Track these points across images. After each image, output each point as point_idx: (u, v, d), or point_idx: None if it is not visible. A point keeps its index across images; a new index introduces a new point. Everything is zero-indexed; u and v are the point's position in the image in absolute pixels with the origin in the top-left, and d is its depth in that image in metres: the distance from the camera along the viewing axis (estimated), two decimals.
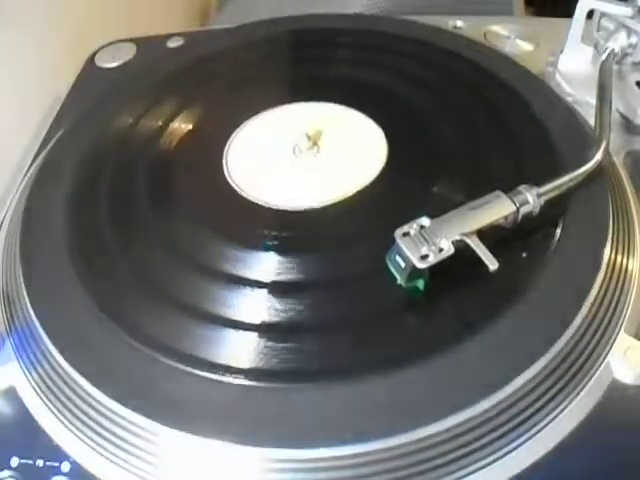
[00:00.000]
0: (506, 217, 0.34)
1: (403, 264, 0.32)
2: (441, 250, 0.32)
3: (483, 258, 0.31)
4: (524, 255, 0.34)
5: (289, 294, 0.34)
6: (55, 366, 0.33)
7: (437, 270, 0.32)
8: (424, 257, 0.31)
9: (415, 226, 0.33)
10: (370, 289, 0.34)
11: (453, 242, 0.32)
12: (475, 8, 0.59)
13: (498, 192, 0.34)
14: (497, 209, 0.34)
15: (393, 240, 0.32)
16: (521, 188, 0.34)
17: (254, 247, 0.36)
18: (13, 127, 0.51)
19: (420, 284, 0.33)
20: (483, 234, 0.33)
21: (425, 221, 0.33)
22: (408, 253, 0.32)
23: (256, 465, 0.29)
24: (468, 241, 0.32)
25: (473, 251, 0.32)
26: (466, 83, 0.45)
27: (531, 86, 0.44)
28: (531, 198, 0.34)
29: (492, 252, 0.32)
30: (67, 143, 0.45)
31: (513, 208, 0.34)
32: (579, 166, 0.36)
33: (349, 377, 0.30)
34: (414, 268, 0.31)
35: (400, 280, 0.33)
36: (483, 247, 0.32)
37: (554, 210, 0.36)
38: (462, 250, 0.32)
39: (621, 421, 0.30)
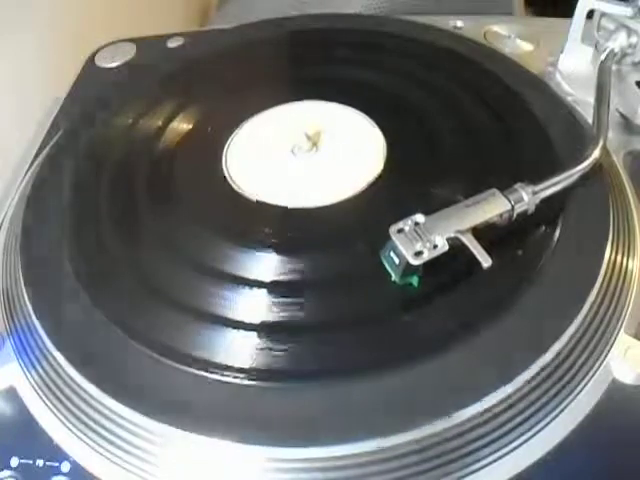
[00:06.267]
0: (501, 215, 0.34)
1: (397, 260, 0.32)
2: (435, 247, 0.32)
3: (477, 255, 0.32)
4: (524, 255, 0.34)
5: (289, 293, 0.34)
6: (55, 366, 0.33)
7: (437, 270, 0.32)
8: (418, 254, 0.31)
9: (410, 223, 0.33)
10: (370, 289, 0.34)
11: (448, 239, 0.32)
12: (475, 8, 0.59)
13: (494, 190, 0.34)
14: (492, 207, 0.34)
15: (388, 237, 0.32)
16: (517, 186, 0.34)
17: (253, 246, 0.36)
18: (13, 127, 0.51)
19: (414, 280, 0.33)
20: (478, 231, 0.33)
21: (420, 218, 0.33)
22: (402, 249, 0.32)
23: (256, 464, 0.29)
24: (462, 238, 0.32)
25: (469, 249, 0.32)
26: (465, 83, 0.45)
27: (531, 86, 0.44)
28: (526, 196, 0.34)
29: (493, 252, 0.32)
30: (67, 143, 0.45)
31: (508, 206, 0.34)
32: (576, 164, 0.36)
33: (349, 377, 0.30)
34: (408, 264, 0.31)
35: (394, 277, 0.33)
36: (477, 244, 0.32)
37: (554, 210, 0.36)
38: (459, 249, 0.32)
39: (621, 421, 0.30)
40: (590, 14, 0.46)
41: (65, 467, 0.31)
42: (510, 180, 0.35)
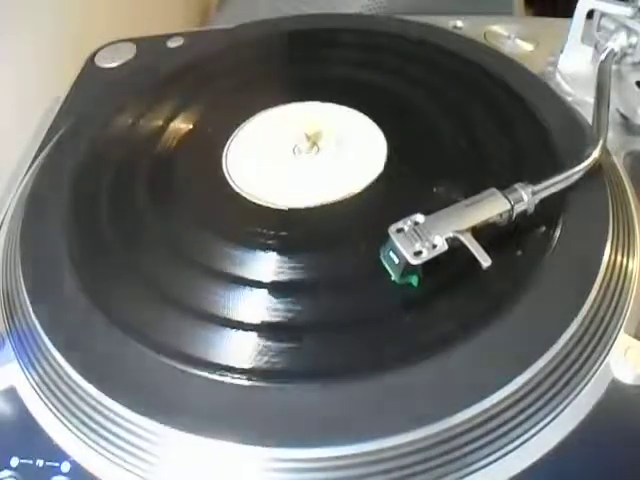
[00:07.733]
0: (500, 215, 0.34)
1: (397, 260, 0.32)
2: (435, 246, 0.32)
3: (476, 255, 0.32)
4: (524, 255, 0.34)
5: (288, 293, 0.34)
6: (55, 366, 0.33)
7: (436, 271, 0.32)
8: (418, 253, 0.31)
9: (409, 222, 0.33)
10: (370, 289, 0.34)
11: (447, 239, 0.32)
12: (475, 8, 0.59)
13: (493, 189, 0.34)
14: (491, 206, 0.34)
15: (387, 236, 0.32)
16: (516, 186, 0.34)
17: (252, 246, 0.36)
18: (13, 127, 0.51)
19: (414, 280, 0.33)
20: (478, 231, 0.33)
21: (419, 217, 0.33)
22: (402, 249, 0.32)
23: (256, 465, 0.29)
24: (462, 238, 0.32)
25: (468, 249, 0.32)
26: (466, 83, 0.45)
27: (531, 86, 0.44)
28: (526, 196, 0.34)
29: (492, 251, 0.32)
30: (67, 143, 0.45)
31: (507, 206, 0.34)
32: (576, 164, 0.36)
33: (349, 377, 0.30)
34: (408, 264, 0.32)
35: (394, 276, 0.33)
36: (476, 244, 0.32)
37: (554, 210, 0.36)
38: (458, 248, 0.32)
39: (621, 421, 0.30)
40: (590, 14, 0.46)
41: (65, 467, 0.31)
42: (510, 180, 0.35)
